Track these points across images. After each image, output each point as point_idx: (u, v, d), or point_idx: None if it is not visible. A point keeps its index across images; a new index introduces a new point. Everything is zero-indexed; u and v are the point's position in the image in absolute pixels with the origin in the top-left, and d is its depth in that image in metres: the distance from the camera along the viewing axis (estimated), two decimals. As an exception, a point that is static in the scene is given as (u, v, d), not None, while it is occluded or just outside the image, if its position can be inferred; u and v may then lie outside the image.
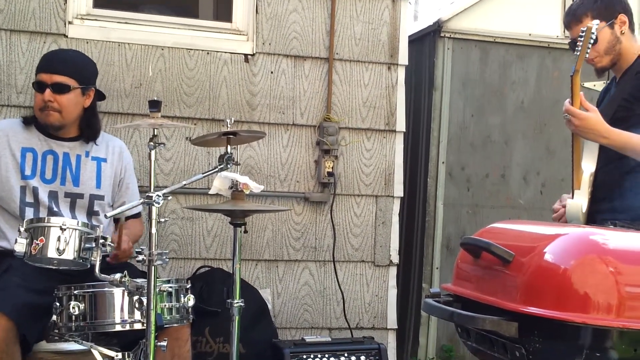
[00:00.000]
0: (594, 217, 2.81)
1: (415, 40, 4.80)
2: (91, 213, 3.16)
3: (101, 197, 3.18)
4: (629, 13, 2.89)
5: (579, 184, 2.83)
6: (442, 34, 4.68)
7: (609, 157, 2.82)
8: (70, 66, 3.11)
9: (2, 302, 2.69)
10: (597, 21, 2.71)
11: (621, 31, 2.86)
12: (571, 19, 2.92)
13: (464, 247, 2.40)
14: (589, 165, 2.83)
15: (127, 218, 3.21)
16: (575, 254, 2.05)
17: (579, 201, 2.80)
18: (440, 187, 4.71)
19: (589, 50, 2.69)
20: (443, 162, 4.71)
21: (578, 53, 2.69)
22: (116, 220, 3.20)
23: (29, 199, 3.06)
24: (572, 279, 1.99)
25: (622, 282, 1.97)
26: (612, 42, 2.85)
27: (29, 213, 3.02)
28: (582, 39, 2.68)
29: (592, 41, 2.67)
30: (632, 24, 2.91)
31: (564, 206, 2.92)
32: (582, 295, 1.97)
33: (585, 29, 2.67)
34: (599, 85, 3.37)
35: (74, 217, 3.07)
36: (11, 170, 3.06)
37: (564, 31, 4.84)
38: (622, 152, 2.74)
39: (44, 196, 3.07)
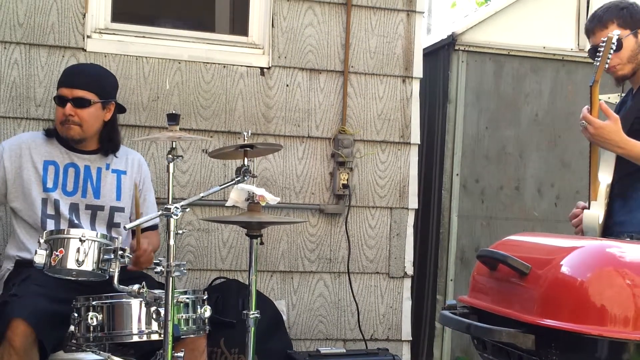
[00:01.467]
0: (610, 229, 2.81)
1: (430, 54, 4.81)
2: (111, 225, 3.19)
3: (121, 209, 3.21)
4: None
5: (596, 195, 2.83)
6: (456, 47, 4.70)
7: (625, 168, 2.81)
8: (90, 80, 3.15)
9: (21, 309, 2.72)
10: (617, 31, 2.72)
11: None
12: (596, 24, 2.90)
13: (480, 259, 2.41)
14: (605, 176, 2.83)
15: (144, 230, 3.24)
16: (592, 266, 2.05)
17: (595, 212, 2.80)
18: (454, 199, 4.71)
19: (608, 61, 2.69)
20: (457, 174, 4.72)
21: (598, 63, 2.69)
22: (134, 232, 3.22)
23: (50, 211, 3.09)
24: (589, 291, 1.99)
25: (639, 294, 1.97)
26: (635, 50, 2.86)
27: (50, 225, 3.06)
28: (603, 48, 2.68)
29: (612, 51, 2.67)
30: None
31: (585, 207, 2.91)
32: (599, 307, 1.97)
33: (605, 39, 2.67)
34: (613, 98, 3.36)
35: (94, 229, 3.10)
36: (33, 182, 3.10)
37: (578, 44, 4.85)
38: (638, 163, 2.74)
39: (64, 209, 3.10)
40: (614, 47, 2.67)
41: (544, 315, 2.03)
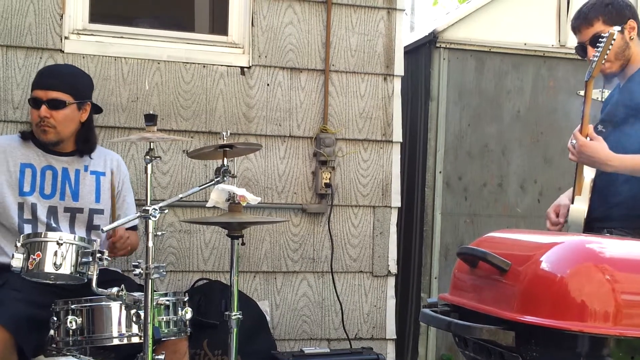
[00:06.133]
0: (591, 224, 2.81)
1: (411, 51, 4.81)
2: (91, 227, 3.16)
3: (101, 211, 3.18)
4: (637, 19, 2.88)
5: (580, 190, 2.83)
6: (437, 44, 4.69)
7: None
8: (65, 81, 3.12)
9: (0, 314, 2.69)
10: (618, 27, 2.70)
11: (630, 37, 2.85)
12: (582, 22, 2.89)
13: (460, 256, 2.40)
14: (589, 172, 2.83)
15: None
16: (571, 262, 2.04)
17: (581, 207, 2.80)
18: (437, 197, 4.71)
19: (606, 57, 2.68)
20: (440, 172, 4.72)
21: (595, 59, 2.67)
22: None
23: (27, 215, 3.06)
24: (568, 287, 1.99)
25: (619, 290, 1.97)
26: (622, 47, 2.84)
27: (27, 229, 3.03)
28: (601, 44, 2.66)
29: (610, 47, 2.65)
30: None
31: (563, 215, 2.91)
32: (579, 303, 1.96)
33: (607, 34, 2.65)
34: (595, 94, 3.36)
35: (73, 232, 3.07)
36: (9, 187, 3.06)
37: (559, 40, 4.86)
38: (631, 174, 2.72)
39: (42, 212, 3.07)
40: (613, 43, 2.65)
41: (524, 312, 2.02)
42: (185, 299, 2.89)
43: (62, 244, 2.59)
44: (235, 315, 2.88)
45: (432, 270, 4.68)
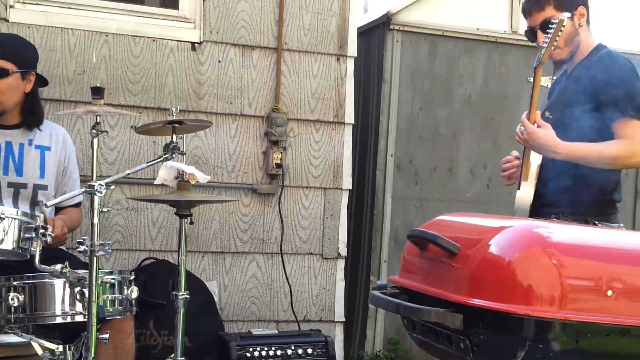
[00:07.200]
0: (537, 210, 2.84)
1: (365, 32, 4.79)
2: (35, 203, 3.08)
3: (45, 187, 3.10)
4: (586, 6, 2.90)
5: (527, 176, 2.85)
6: (391, 27, 4.68)
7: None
8: (8, 50, 3.02)
9: None
10: (567, 13, 2.71)
11: (579, 23, 2.87)
12: (533, 6, 2.88)
13: (410, 239, 2.40)
14: (536, 157, 2.86)
15: (67, 207, 3.15)
16: (519, 246, 2.06)
17: (527, 193, 2.83)
18: (388, 180, 4.71)
19: (555, 42, 2.68)
20: (391, 155, 4.72)
21: (545, 45, 2.68)
22: (57, 209, 3.12)
23: None
24: (515, 271, 2.00)
25: (565, 274, 1.98)
26: (571, 33, 2.85)
27: (-32, 205, 2.93)
28: (551, 30, 2.66)
29: (560, 33, 2.65)
30: (589, 17, 2.93)
31: (517, 157, 2.94)
32: (526, 287, 1.98)
33: (557, 20, 2.65)
34: (545, 81, 3.39)
35: (16, 207, 2.98)
36: None
37: (511, 26, 4.90)
38: (577, 162, 2.75)
39: None
40: (563, 29, 2.66)
41: (472, 295, 2.03)
42: (132, 278, 2.84)
43: (4, 219, 2.50)
44: (182, 295, 2.83)
45: (382, 253, 4.70)
